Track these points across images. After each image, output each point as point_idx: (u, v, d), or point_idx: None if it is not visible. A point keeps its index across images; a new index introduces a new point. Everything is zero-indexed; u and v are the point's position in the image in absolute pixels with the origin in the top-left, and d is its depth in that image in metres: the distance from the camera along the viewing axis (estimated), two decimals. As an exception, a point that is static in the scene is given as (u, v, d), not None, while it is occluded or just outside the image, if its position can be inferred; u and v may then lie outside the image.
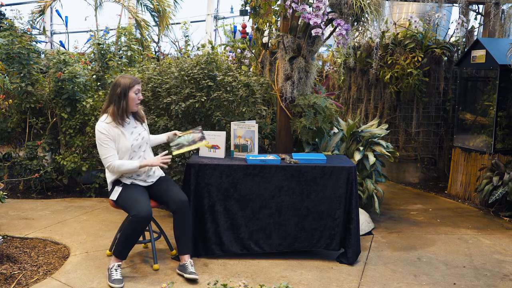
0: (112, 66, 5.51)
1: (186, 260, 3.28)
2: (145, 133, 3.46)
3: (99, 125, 3.27)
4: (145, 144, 3.43)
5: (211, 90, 4.29)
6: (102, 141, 3.25)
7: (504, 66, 4.94)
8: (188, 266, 3.24)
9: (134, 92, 3.31)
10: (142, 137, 3.40)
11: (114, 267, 3.18)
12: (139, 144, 3.37)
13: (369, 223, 4.31)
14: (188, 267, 3.23)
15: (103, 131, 3.25)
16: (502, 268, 3.53)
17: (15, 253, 3.60)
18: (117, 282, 3.09)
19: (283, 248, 3.59)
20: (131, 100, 3.31)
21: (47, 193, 5.37)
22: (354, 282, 3.24)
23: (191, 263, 3.26)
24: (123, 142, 3.29)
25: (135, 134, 3.37)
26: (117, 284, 3.08)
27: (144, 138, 3.42)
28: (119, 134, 3.29)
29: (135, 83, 3.32)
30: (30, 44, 5.25)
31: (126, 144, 3.29)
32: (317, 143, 4.46)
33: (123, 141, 3.29)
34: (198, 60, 4.43)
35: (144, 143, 3.41)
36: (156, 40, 7.65)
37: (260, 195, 3.54)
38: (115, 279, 3.10)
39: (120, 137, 3.29)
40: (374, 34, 5.85)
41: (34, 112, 5.41)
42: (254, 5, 4.66)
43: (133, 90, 3.31)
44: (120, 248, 3.21)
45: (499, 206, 4.96)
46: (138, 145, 3.36)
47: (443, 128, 6.17)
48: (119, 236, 3.26)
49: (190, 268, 3.21)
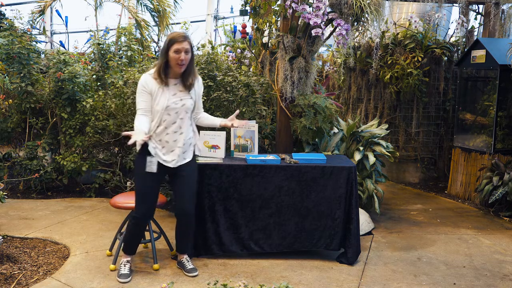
0: (112, 66, 5.51)
1: (182, 257, 3.39)
2: (189, 101, 3.13)
3: (142, 76, 3.09)
4: (184, 112, 3.11)
5: (211, 90, 4.29)
6: (138, 92, 3.07)
7: (504, 66, 4.94)
8: (184, 262, 3.36)
9: (173, 51, 2.98)
10: (183, 104, 3.09)
11: (123, 263, 3.27)
12: (177, 109, 3.08)
13: (369, 223, 4.31)
14: (185, 263, 3.35)
15: (143, 82, 3.06)
16: (502, 268, 3.53)
17: (15, 253, 3.60)
18: (123, 276, 3.17)
19: (283, 248, 3.59)
20: (171, 60, 3.01)
21: (47, 193, 5.37)
22: (354, 282, 3.24)
23: (187, 259, 3.37)
24: (160, 100, 3.05)
25: (176, 98, 3.09)
26: (122, 279, 3.15)
27: (185, 105, 3.10)
28: (159, 91, 3.05)
29: (175, 41, 2.97)
30: (30, 44, 5.25)
31: (162, 103, 3.04)
32: (317, 143, 4.46)
33: (160, 99, 3.05)
34: (198, 60, 4.43)
35: (183, 110, 3.10)
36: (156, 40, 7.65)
37: (260, 195, 3.54)
38: (121, 274, 3.19)
39: (159, 95, 3.05)
40: (374, 34, 5.85)
41: (34, 112, 5.41)
42: (254, 5, 4.66)
43: (173, 49, 2.98)
44: (125, 244, 3.30)
45: (499, 206, 4.96)
46: (174, 110, 3.07)
47: (443, 128, 6.17)
48: (124, 232, 3.35)
49: (188, 265, 3.32)
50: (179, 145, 3.14)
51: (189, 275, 3.26)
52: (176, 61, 3.00)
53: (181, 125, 3.13)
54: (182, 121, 3.13)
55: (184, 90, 3.13)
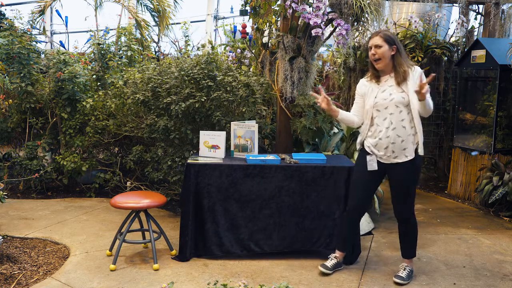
0: (112, 66, 5.51)
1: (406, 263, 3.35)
2: (400, 95, 3.02)
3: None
4: (394, 106, 3.02)
5: (211, 90, 4.29)
6: (355, 95, 3.25)
7: (504, 66, 4.93)
8: (400, 269, 3.31)
9: (369, 47, 3.08)
10: (392, 98, 3.03)
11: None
12: (386, 104, 3.04)
13: (369, 223, 4.31)
14: (399, 270, 3.31)
15: (357, 86, 3.23)
16: (502, 268, 3.53)
17: (15, 253, 3.60)
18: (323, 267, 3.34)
19: (283, 248, 3.59)
20: (370, 57, 3.09)
21: (47, 193, 5.37)
22: (354, 282, 3.24)
23: (402, 267, 3.32)
24: (369, 99, 3.11)
25: (385, 93, 3.06)
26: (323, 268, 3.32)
27: (394, 99, 3.02)
28: (369, 90, 3.13)
29: (370, 39, 3.09)
30: (30, 44, 5.25)
31: (370, 101, 3.10)
32: (317, 143, 4.46)
33: (370, 98, 3.11)
34: (198, 60, 4.43)
35: (392, 104, 3.02)
36: (156, 40, 7.65)
37: (260, 195, 3.54)
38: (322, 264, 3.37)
39: (368, 94, 3.13)
40: (374, 34, 5.85)
41: (34, 112, 5.42)
42: (254, 5, 4.65)
43: (369, 45, 3.08)
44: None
45: (499, 206, 4.96)
46: (384, 105, 3.04)
47: (443, 128, 6.17)
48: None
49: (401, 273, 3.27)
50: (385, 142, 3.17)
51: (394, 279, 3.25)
52: (371, 57, 3.09)
53: (391, 119, 3.09)
54: (392, 115, 3.10)
55: (393, 84, 3.09)
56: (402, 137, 3.03)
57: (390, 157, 3.09)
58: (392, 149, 3.06)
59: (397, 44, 3.04)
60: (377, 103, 3.06)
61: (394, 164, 3.10)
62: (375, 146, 3.12)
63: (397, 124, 3.03)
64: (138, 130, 4.77)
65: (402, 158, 3.07)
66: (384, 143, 3.07)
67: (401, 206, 3.20)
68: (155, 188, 5.07)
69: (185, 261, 3.50)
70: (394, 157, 3.08)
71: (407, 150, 3.06)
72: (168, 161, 4.42)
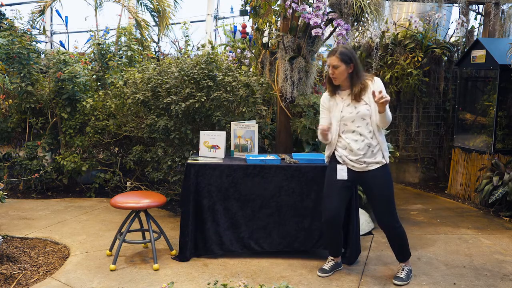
0: (112, 66, 5.51)
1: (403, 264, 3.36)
2: (364, 107, 3.12)
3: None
4: (360, 119, 3.12)
5: (211, 90, 4.29)
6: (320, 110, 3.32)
7: (504, 66, 4.93)
8: (399, 271, 3.33)
9: (328, 65, 3.16)
10: (358, 111, 3.12)
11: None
12: (352, 118, 3.13)
13: (369, 223, 4.31)
14: (398, 271, 3.32)
15: (321, 100, 3.31)
16: (502, 268, 3.53)
17: (15, 253, 3.60)
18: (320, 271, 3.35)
19: (283, 247, 3.59)
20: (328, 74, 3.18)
21: (47, 193, 5.37)
22: (354, 282, 3.24)
23: (401, 267, 3.34)
24: (335, 113, 3.20)
25: (350, 107, 3.15)
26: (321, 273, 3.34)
27: (360, 112, 3.11)
28: (333, 104, 3.22)
29: (328, 57, 3.17)
30: (30, 44, 5.25)
31: (336, 115, 3.19)
32: (317, 143, 4.46)
33: (335, 112, 3.20)
34: (198, 60, 4.44)
35: (358, 117, 3.12)
36: (156, 40, 7.65)
37: (260, 195, 3.54)
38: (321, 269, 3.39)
39: (333, 108, 3.22)
40: (374, 34, 5.85)
41: (34, 112, 5.42)
42: (254, 5, 4.66)
43: (327, 63, 3.16)
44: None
45: (499, 206, 4.96)
46: (350, 119, 3.13)
47: (443, 128, 6.17)
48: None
49: (399, 274, 3.29)
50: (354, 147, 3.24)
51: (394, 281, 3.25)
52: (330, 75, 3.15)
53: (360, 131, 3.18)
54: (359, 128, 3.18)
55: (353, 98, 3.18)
56: (371, 147, 3.14)
57: (363, 166, 3.17)
58: (363, 160, 3.15)
59: (354, 61, 3.11)
60: (343, 117, 3.15)
61: (366, 172, 3.17)
62: (347, 156, 3.19)
63: (366, 135, 3.13)
64: (138, 130, 4.77)
65: (374, 166, 3.17)
66: (355, 155, 3.15)
67: (382, 214, 3.21)
68: (155, 188, 5.07)
69: (185, 261, 3.50)
70: (367, 165, 3.16)
71: (377, 158, 3.17)
72: (168, 161, 4.43)
